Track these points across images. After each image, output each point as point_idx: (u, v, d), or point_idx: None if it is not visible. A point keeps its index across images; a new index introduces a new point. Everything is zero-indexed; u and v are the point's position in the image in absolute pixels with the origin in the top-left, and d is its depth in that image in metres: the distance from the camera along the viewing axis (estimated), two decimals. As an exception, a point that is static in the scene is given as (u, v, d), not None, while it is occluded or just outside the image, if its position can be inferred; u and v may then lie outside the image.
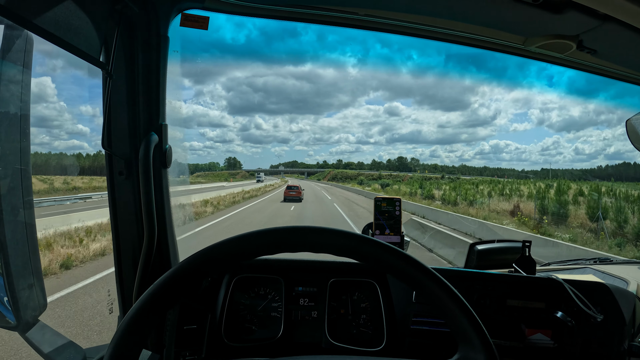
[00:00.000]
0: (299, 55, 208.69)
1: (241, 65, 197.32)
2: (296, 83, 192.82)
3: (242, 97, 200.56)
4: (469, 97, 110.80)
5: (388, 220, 1.11)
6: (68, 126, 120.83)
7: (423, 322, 0.99)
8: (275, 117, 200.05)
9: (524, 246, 1.07)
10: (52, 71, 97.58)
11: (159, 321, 0.47)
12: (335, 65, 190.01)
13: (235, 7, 0.92)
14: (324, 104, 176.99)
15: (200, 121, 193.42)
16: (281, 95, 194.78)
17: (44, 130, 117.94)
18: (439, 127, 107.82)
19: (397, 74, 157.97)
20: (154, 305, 0.45)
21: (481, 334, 0.49)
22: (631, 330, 1.00)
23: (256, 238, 0.49)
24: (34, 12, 0.58)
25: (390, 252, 0.50)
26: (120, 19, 0.78)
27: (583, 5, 0.71)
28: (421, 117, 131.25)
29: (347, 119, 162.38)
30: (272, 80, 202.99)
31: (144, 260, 0.88)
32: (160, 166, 0.91)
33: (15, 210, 0.86)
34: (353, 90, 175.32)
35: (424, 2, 0.89)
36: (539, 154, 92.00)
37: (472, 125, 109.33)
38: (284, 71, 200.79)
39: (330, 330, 1.02)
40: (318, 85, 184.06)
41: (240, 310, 1.05)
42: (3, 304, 0.87)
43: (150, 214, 0.86)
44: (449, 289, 0.50)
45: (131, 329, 0.44)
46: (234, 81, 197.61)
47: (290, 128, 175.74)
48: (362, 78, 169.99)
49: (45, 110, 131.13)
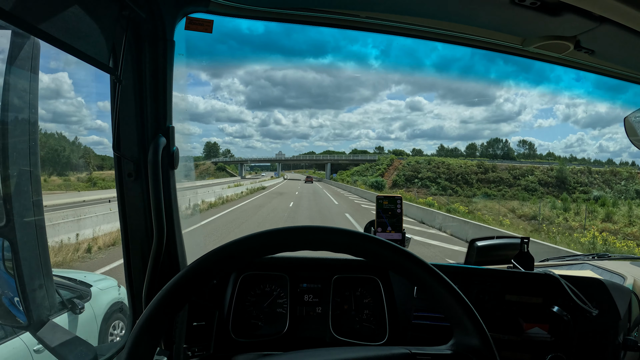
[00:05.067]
0: (319, 47, 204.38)
1: (260, 58, 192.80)
2: (316, 76, 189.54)
3: (260, 91, 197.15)
4: (494, 91, 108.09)
5: (390, 218, 1.13)
6: (87, 122, 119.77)
7: (424, 316, 1.02)
8: (294, 112, 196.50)
9: (522, 243, 1.10)
10: (67, 66, 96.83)
11: (171, 320, 0.49)
12: (357, 57, 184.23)
13: (239, 10, 0.94)
14: (345, 98, 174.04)
15: (218, 116, 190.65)
16: (301, 90, 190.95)
17: (62, 126, 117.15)
18: (462, 123, 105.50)
19: (420, 67, 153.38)
20: (167, 306, 0.48)
21: (475, 321, 0.52)
22: (627, 324, 1.03)
23: (261, 239, 0.51)
24: (43, 19, 0.60)
25: (388, 247, 0.53)
26: (127, 25, 0.80)
27: (579, 8, 0.73)
28: (444, 112, 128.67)
29: (368, 114, 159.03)
30: (292, 74, 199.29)
31: (153, 260, 0.90)
32: (168, 168, 0.92)
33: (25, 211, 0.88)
34: (375, 84, 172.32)
35: (423, 4, 0.90)
36: (562, 151, 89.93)
37: (495, 121, 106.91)
38: (304, 64, 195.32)
39: (334, 326, 1.05)
40: (339, 78, 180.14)
41: (246, 306, 1.07)
42: (14, 305, 0.89)
43: (159, 215, 0.87)
44: (443, 280, 0.53)
45: (145, 329, 0.46)
46: (252, 75, 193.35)
47: (310, 123, 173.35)
48: (385, 71, 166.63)
49: (63, 106, 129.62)
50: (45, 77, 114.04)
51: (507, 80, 59.07)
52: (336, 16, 0.96)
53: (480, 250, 1.24)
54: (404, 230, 1.13)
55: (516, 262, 1.11)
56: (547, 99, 58.55)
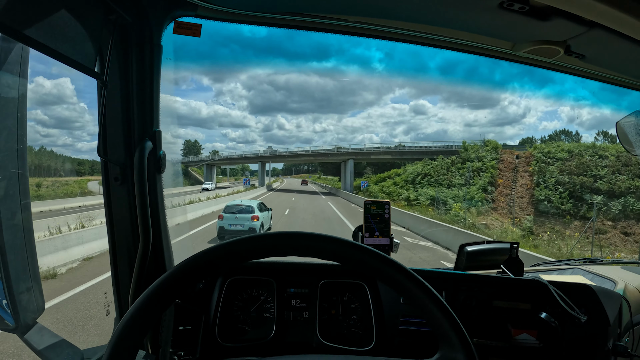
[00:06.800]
0: (322, 51, 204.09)
1: (262, 62, 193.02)
2: (319, 80, 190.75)
3: (263, 96, 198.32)
4: (498, 94, 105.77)
5: (378, 223, 1.13)
6: (90, 127, 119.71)
7: (411, 322, 1.01)
8: (298, 117, 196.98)
9: (512, 248, 1.10)
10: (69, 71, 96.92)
11: (155, 323, 0.49)
12: (360, 61, 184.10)
13: (227, 14, 0.94)
14: (348, 102, 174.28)
15: (221, 122, 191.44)
16: (304, 94, 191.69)
17: (65, 132, 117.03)
18: (466, 126, 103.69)
19: (425, 70, 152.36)
20: (150, 308, 0.47)
21: (460, 334, 0.51)
22: (617, 330, 1.02)
23: (247, 243, 0.51)
24: (27, 25, 0.59)
25: (371, 255, 0.52)
26: (114, 29, 0.80)
27: (569, 13, 0.73)
28: (448, 115, 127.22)
29: (372, 118, 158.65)
30: (295, 78, 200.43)
31: (139, 263, 0.90)
32: (155, 172, 0.92)
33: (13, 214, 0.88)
34: (378, 87, 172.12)
35: (412, 9, 0.90)
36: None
37: (500, 124, 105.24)
38: (307, 68, 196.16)
39: (321, 331, 1.05)
40: (342, 82, 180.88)
41: (233, 311, 1.07)
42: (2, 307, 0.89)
43: (145, 219, 0.88)
44: (428, 290, 0.51)
45: (128, 330, 0.46)
46: (255, 79, 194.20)
47: (313, 128, 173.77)
48: (389, 75, 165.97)
49: (65, 112, 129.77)
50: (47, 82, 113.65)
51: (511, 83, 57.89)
52: (324, 20, 0.96)
53: (470, 255, 1.23)
54: (392, 235, 1.13)
55: (505, 268, 1.10)
56: (551, 102, 57.35)
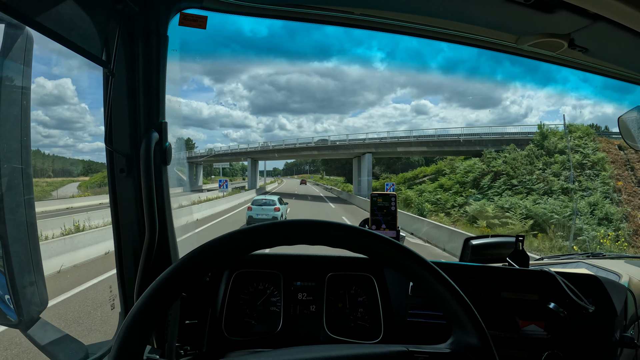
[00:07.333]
0: (323, 50, 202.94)
1: (263, 62, 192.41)
2: (321, 80, 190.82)
3: (264, 96, 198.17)
4: (500, 93, 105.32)
5: (385, 216, 1.13)
6: (91, 128, 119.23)
7: (419, 314, 1.01)
8: (299, 117, 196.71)
9: (517, 241, 1.10)
10: (70, 72, 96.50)
11: (161, 316, 0.48)
12: (362, 60, 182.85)
13: (232, 6, 0.94)
14: (350, 102, 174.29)
15: (223, 122, 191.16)
16: (305, 94, 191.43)
17: (67, 132, 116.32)
18: (467, 126, 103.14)
19: (426, 70, 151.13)
20: (157, 301, 0.46)
21: (473, 319, 0.51)
22: (623, 321, 1.03)
23: (255, 232, 0.50)
24: (37, 10, 0.59)
25: (386, 243, 0.52)
26: (121, 18, 0.79)
27: (573, 5, 0.73)
28: (449, 115, 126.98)
29: (373, 118, 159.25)
30: (296, 78, 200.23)
31: (145, 256, 0.89)
32: (161, 163, 0.92)
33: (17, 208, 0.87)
34: (380, 87, 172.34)
35: (418, 2, 0.90)
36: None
37: (501, 124, 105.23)
38: (308, 68, 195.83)
39: (328, 324, 1.04)
40: (344, 82, 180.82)
41: (240, 305, 1.06)
42: (5, 302, 0.88)
43: (152, 211, 0.87)
44: (442, 277, 0.51)
45: (135, 325, 0.45)
46: (255, 79, 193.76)
47: (315, 128, 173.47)
48: (390, 75, 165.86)
49: (66, 112, 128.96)
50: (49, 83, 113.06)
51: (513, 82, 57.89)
52: (329, 13, 0.96)
53: (475, 249, 1.23)
54: (399, 228, 1.13)
55: (511, 260, 1.10)
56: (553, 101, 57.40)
